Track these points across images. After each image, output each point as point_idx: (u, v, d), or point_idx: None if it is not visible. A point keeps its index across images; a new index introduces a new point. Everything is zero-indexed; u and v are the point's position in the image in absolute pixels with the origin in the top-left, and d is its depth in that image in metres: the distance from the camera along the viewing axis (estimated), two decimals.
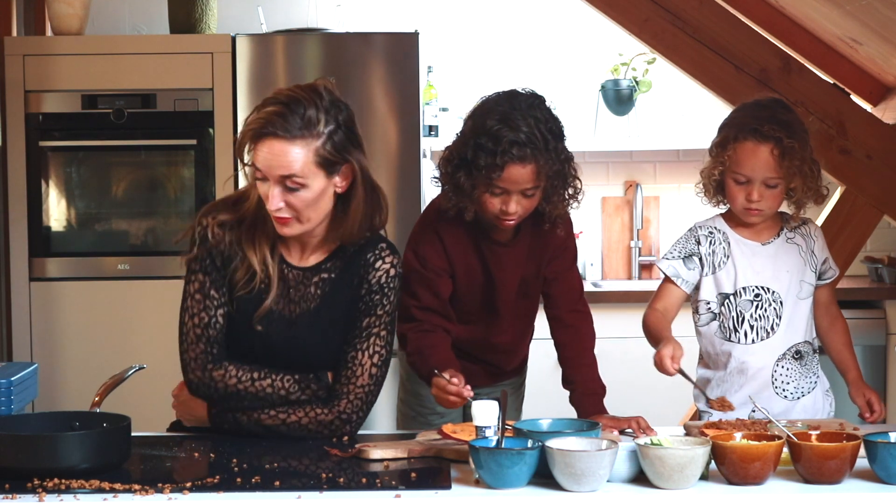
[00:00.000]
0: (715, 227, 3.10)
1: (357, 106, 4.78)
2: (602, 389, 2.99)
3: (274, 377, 2.70)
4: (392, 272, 2.75)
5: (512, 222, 2.90)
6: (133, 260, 4.77)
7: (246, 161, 2.65)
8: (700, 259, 3.07)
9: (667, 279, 3.10)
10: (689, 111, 5.58)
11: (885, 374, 4.93)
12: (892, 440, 2.41)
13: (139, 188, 4.85)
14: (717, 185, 3.06)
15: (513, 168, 2.80)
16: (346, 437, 2.72)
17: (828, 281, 3.12)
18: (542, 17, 5.59)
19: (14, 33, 4.91)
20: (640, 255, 5.57)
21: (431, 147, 5.38)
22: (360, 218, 2.69)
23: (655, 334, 3.01)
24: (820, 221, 4.36)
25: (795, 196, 3.03)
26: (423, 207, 4.80)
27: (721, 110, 5.39)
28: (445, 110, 5.47)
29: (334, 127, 2.62)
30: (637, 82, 5.49)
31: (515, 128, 2.79)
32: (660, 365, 2.88)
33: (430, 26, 5.41)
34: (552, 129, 2.85)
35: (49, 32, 5.07)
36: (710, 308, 3.07)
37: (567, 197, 2.93)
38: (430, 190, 5.12)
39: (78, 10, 4.83)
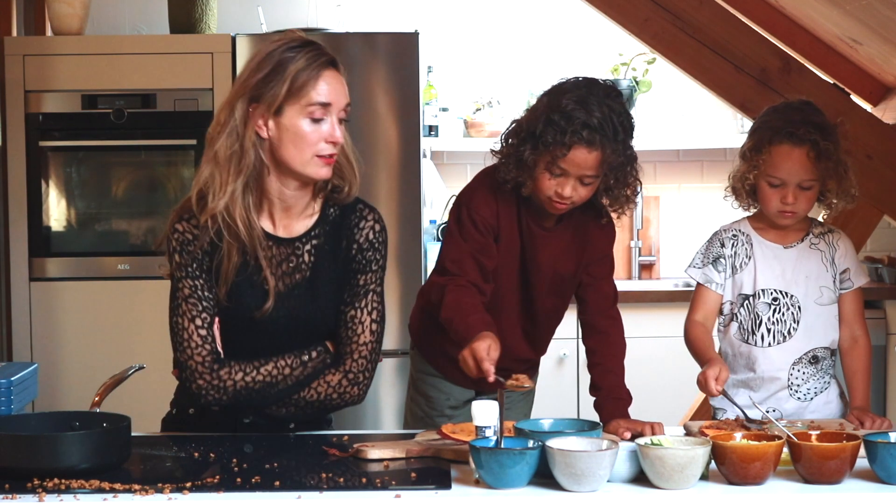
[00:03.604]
0: (739, 230, 3.09)
1: (357, 106, 4.83)
2: (628, 396, 2.90)
3: (276, 359, 2.69)
4: (377, 227, 2.77)
5: (563, 207, 2.87)
6: (133, 260, 4.77)
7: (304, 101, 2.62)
8: (724, 260, 3.07)
9: (700, 286, 3.09)
10: (689, 111, 5.58)
11: (885, 374, 4.93)
12: (892, 440, 2.41)
13: (139, 188, 4.84)
14: (749, 189, 3.06)
15: (579, 151, 2.78)
16: (346, 437, 2.72)
17: (846, 290, 3.08)
18: (542, 17, 5.59)
19: (14, 33, 4.91)
20: (640, 255, 5.57)
21: (431, 147, 5.38)
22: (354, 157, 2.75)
23: (700, 353, 3.00)
24: None
25: (828, 199, 3.02)
26: (423, 207, 4.80)
27: (721, 110, 5.43)
28: (445, 110, 5.47)
29: None
30: (637, 82, 5.49)
31: (590, 111, 2.77)
32: (703, 385, 2.87)
33: (430, 26, 5.40)
34: (624, 123, 2.82)
35: (49, 32, 5.07)
36: (731, 309, 3.07)
37: (625, 196, 2.90)
38: (430, 190, 5.12)
39: (78, 10, 4.83)
